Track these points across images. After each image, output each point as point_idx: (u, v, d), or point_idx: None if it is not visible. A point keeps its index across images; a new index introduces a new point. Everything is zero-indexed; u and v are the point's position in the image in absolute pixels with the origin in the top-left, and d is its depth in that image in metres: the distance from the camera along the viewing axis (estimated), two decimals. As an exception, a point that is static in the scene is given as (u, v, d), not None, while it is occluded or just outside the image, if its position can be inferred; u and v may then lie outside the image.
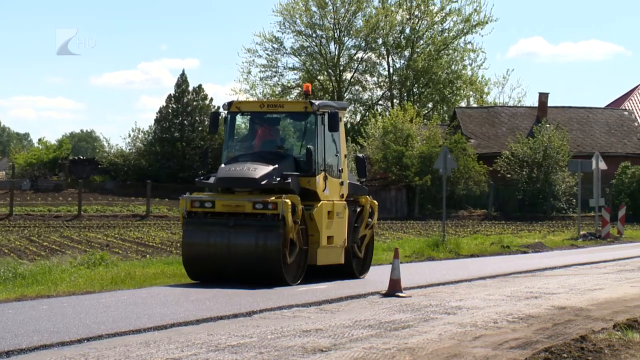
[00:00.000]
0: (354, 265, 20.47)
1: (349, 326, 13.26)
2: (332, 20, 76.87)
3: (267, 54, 78.32)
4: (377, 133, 60.04)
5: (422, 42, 77.96)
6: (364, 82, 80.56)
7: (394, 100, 77.41)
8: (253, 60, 78.64)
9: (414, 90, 78.28)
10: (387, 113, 68.23)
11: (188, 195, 19.23)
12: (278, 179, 18.74)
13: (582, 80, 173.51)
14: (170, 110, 70.20)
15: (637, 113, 70.40)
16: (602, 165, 39.74)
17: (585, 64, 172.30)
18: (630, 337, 12.31)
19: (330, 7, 76.74)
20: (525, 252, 31.17)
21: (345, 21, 76.90)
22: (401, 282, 17.46)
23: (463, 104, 77.03)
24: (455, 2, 77.38)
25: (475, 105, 76.14)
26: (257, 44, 78.85)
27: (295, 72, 79.39)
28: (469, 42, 78.88)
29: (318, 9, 76.58)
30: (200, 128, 70.94)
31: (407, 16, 77.82)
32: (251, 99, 78.05)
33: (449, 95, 78.12)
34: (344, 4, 76.62)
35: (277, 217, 18.20)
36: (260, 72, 78.86)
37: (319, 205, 19.15)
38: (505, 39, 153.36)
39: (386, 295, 17.18)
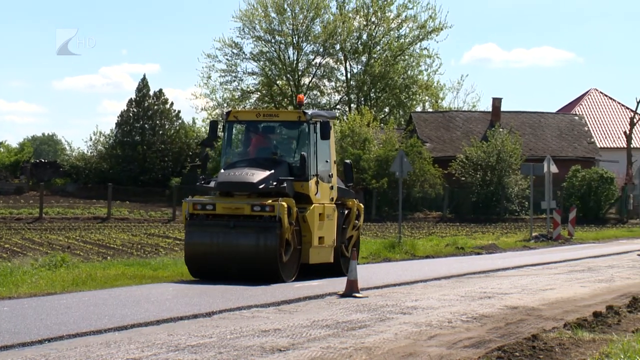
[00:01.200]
0: (342, 264, 21.23)
1: (307, 326, 13.26)
2: (291, 26, 76.84)
3: (227, 59, 78.18)
4: (336, 137, 60.04)
5: (378, 47, 78.12)
6: (322, 87, 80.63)
7: (352, 105, 77.51)
8: (213, 65, 78.47)
9: (371, 95, 78.40)
10: (344, 117, 68.30)
11: (190, 198, 20.24)
12: (274, 183, 19.74)
13: (534, 85, 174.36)
14: (131, 114, 69.94)
15: (588, 118, 71.05)
16: (554, 169, 40.04)
17: (538, 69, 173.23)
18: (580, 336, 12.42)
19: (289, 13, 76.72)
20: (479, 254, 31.32)
21: (304, 27, 76.87)
22: (358, 283, 17.50)
23: (419, 109, 77.24)
24: (411, 9, 77.76)
25: (430, 110, 76.38)
26: (217, 49, 78.87)
27: (255, 77, 79.30)
28: (425, 48, 79.19)
29: (277, 15, 76.52)
30: (160, 132, 70.72)
31: (364, 22, 77.96)
32: (211, 103, 78.33)
33: (405, 100, 78.30)
34: (303, 10, 76.60)
35: (274, 219, 19.18)
36: (220, 76, 78.69)
37: (311, 208, 20.16)
38: (459, 45, 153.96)
39: (343, 295, 17.20)
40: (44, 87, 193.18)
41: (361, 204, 22.76)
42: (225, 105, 78.54)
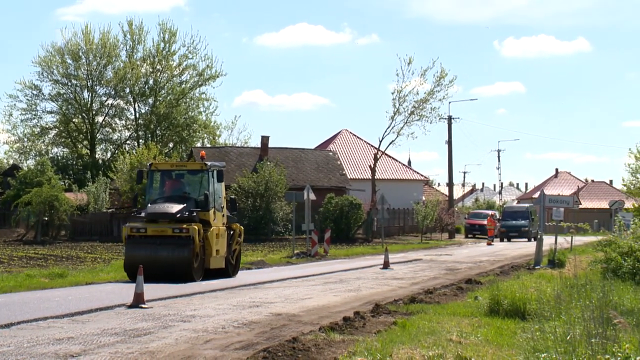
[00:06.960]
0: (229, 269, 25.54)
1: (98, 334, 12.96)
2: (86, 71, 75.56)
3: (27, 99, 76.09)
4: (125, 168, 59.10)
5: (163, 91, 77.69)
6: (113, 125, 79.53)
7: (140, 140, 76.58)
8: (14, 105, 76.22)
9: (157, 132, 77.72)
10: (134, 151, 67.33)
11: (128, 224, 24.28)
12: (186, 213, 23.89)
13: (296, 125, 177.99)
14: (-64, 148, 66.61)
15: (340, 154, 72.88)
16: (312, 196, 40.74)
17: (298, 112, 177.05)
18: (332, 337, 12.69)
19: (84, 60, 75.50)
20: (249, 269, 31.41)
21: (97, 72, 75.78)
22: (144, 295, 17.22)
23: (199, 144, 77.14)
24: (191, 59, 77.91)
25: (209, 145, 76.33)
26: (18, 91, 76.48)
27: (53, 115, 77.48)
28: (203, 93, 79.39)
29: (73, 61, 75.20)
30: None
31: (151, 69, 77.39)
32: (12, 137, 75.90)
33: (186, 137, 78.07)
34: (96, 57, 75.52)
35: (188, 238, 23.37)
36: (21, 114, 76.48)
37: (211, 230, 24.25)
38: (232, 90, 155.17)
39: (131, 306, 16.90)
40: None
41: (241, 227, 27.14)
42: (25, 140, 76.42)
